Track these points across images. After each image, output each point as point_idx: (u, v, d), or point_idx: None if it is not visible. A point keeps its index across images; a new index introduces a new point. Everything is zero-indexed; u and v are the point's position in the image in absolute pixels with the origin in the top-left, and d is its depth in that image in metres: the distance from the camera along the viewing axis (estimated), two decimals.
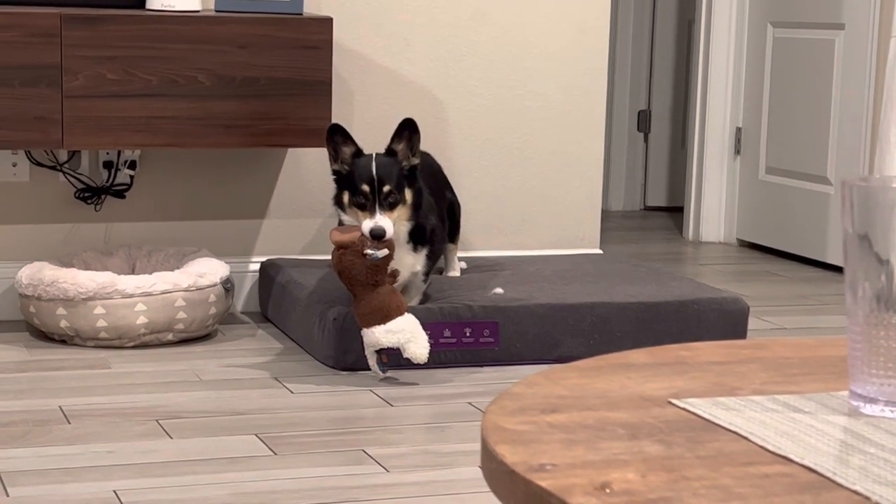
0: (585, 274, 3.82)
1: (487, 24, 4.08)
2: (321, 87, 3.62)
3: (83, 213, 3.80)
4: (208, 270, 3.54)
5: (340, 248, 3.09)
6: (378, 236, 3.09)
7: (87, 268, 3.60)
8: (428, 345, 3.14)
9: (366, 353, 3.17)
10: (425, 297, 3.46)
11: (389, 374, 3.21)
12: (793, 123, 5.02)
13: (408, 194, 3.23)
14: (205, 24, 3.53)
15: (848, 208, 1.18)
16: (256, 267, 3.92)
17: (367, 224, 3.12)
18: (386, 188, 3.17)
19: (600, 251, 4.25)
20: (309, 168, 3.94)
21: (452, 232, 3.73)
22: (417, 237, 3.31)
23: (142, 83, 3.48)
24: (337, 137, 3.23)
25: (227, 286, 3.60)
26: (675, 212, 5.97)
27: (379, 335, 3.11)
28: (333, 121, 3.69)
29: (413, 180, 3.26)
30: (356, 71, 3.97)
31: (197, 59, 3.52)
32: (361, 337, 3.16)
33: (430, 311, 3.35)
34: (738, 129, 5.29)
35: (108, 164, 3.80)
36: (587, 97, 4.20)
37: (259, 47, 3.56)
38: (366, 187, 3.17)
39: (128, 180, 3.81)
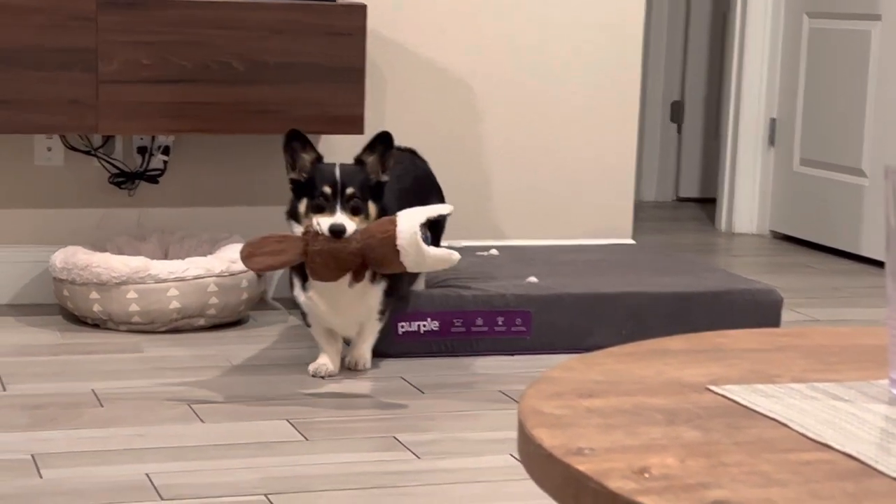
0: (618, 264, 3.80)
1: (521, 13, 4.06)
2: (354, 74, 3.61)
3: (117, 198, 3.82)
4: None
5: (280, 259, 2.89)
6: (338, 232, 2.86)
7: (120, 252, 3.61)
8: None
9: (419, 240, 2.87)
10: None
11: (418, 362, 3.21)
12: (827, 115, 4.99)
13: (372, 208, 2.99)
14: (239, 9, 3.53)
15: (892, 195, 1.16)
16: None
17: (326, 221, 2.89)
18: (349, 190, 2.95)
19: (633, 242, 4.24)
20: (342, 155, 3.92)
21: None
22: None
23: (176, 68, 3.49)
24: (295, 144, 3.03)
25: (261, 275, 3.60)
26: (707, 203, 5.94)
27: (408, 225, 2.83)
28: (366, 108, 3.70)
29: (379, 196, 3.02)
30: (389, 58, 3.96)
31: (231, 44, 3.52)
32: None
33: (463, 299, 3.34)
34: (773, 120, 5.25)
35: (141, 150, 3.80)
36: (620, 87, 4.18)
37: (293, 34, 3.56)
38: (327, 189, 2.95)
39: (161, 165, 3.82)
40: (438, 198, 3.44)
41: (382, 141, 3.04)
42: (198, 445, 2.64)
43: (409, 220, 2.85)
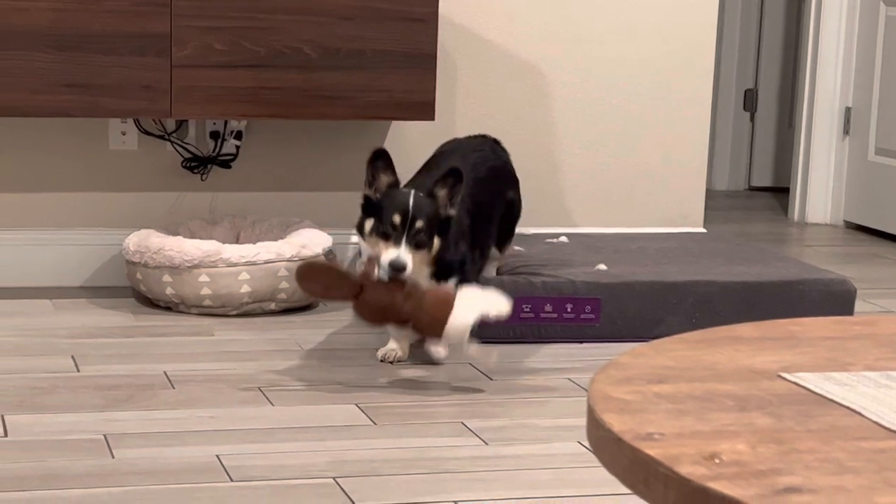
0: (689, 252, 3.78)
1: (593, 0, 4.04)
2: (426, 60, 3.61)
3: (189, 183, 3.85)
4: (311, 241, 3.57)
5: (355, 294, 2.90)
6: (398, 269, 2.89)
7: (192, 236, 3.64)
8: (499, 294, 2.93)
9: (465, 350, 2.97)
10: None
11: (487, 348, 3.21)
12: None
13: (436, 242, 3.01)
14: None
15: None
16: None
17: (389, 254, 2.91)
18: (419, 224, 2.96)
19: (704, 230, 4.21)
20: (412, 141, 3.95)
21: (503, 237, 3.41)
22: (442, 273, 3.06)
23: (249, 54, 3.51)
24: (379, 163, 3.01)
25: (330, 257, 3.62)
26: (780, 192, 5.88)
27: (460, 323, 2.86)
28: (437, 94, 3.70)
29: (445, 230, 3.03)
30: (461, 45, 3.96)
31: (303, 30, 3.53)
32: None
33: (533, 286, 3.34)
34: (848, 109, 5.19)
35: (214, 134, 3.83)
36: (694, 75, 4.15)
37: (365, 19, 3.57)
38: (397, 218, 2.95)
39: (234, 150, 3.85)
40: (514, 190, 3.43)
41: (453, 176, 3.03)
42: (268, 428, 2.66)
43: (464, 317, 2.86)
